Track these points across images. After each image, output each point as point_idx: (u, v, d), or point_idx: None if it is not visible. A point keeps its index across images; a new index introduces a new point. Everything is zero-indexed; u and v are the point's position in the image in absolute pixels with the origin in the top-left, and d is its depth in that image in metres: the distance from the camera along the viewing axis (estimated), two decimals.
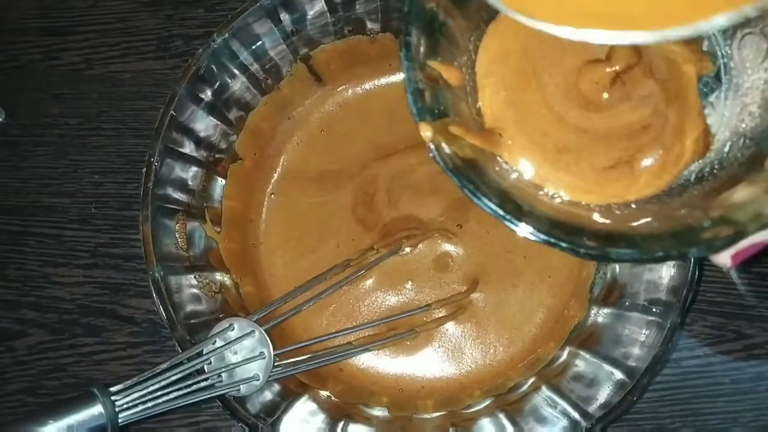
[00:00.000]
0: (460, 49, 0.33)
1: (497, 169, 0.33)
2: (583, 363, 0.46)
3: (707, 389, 0.51)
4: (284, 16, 0.47)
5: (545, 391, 0.46)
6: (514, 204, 0.30)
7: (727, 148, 0.32)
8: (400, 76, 0.52)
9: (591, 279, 0.49)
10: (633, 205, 0.33)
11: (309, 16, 0.47)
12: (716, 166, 0.32)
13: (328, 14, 0.47)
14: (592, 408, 0.43)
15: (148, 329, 0.53)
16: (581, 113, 0.33)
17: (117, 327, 0.54)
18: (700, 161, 0.33)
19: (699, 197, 0.31)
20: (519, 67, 0.33)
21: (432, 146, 0.30)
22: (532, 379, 0.47)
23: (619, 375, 0.43)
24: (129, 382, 0.38)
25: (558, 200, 0.33)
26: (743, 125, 0.32)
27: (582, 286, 0.49)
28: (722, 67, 0.33)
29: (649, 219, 0.31)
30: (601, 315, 0.47)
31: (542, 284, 0.50)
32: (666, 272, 0.44)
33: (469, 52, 0.33)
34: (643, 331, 0.44)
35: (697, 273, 0.43)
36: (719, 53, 0.33)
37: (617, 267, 0.47)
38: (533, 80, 0.33)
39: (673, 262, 0.43)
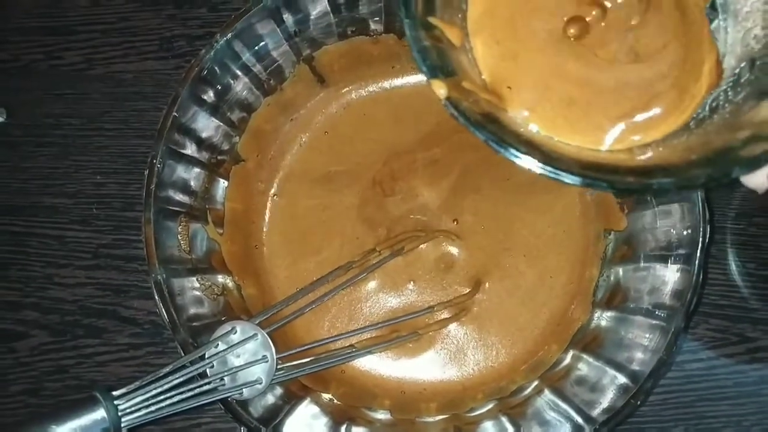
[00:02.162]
0: (453, 6, 0.32)
1: (516, 121, 0.32)
2: (587, 366, 0.46)
3: (710, 393, 0.51)
4: (287, 17, 0.47)
5: (548, 394, 0.46)
6: (541, 152, 0.29)
7: (736, 73, 0.31)
8: (403, 79, 0.53)
9: (594, 281, 0.49)
10: (656, 145, 0.32)
11: (312, 17, 0.47)
12: (730, 93, 0.31)
13: (331, 15, 0.47)
14: (595, 412, 0.43)
15: (150, 330, 0.54)
16: (580, 66, 0.32)
17: (119, 328, 0.54)
18: (714, 91, 0.32)
19: (722, 124, 0.30)
20: (508, 17, 0.32)
21: (448, 103, 0.29)
22: (535, 383, 0.47)
23: (622, 379, 0.43)
24: (131, 386, 0.38)
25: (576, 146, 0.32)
26: (749, 49, 0.31)
27: (585, 289, 0.50)
28: None
29: (679, 151, 0.30)
30: (604, 318, 0.47)
31: (544, 286, 0.50)
32: (670, 276, 0.44)
33: (462, 10, 0.33)
34: (647, 335, 0.44)
35: (701, 276, 0.43)
36: None
37: (621, 270, 0.47)
38: (523, 30, 0.32)
39: (677, 265, 0.44)
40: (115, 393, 0.38)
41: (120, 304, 0.54)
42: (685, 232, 0.43)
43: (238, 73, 0.47)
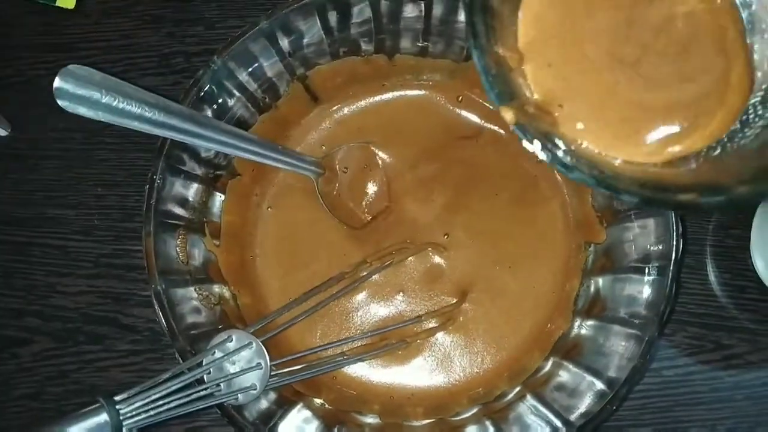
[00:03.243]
0: (510, 33, 0.33)
1: (569, 137, 0.32)
2: (566, 373, 0.47)
3: (687, 398, 0.52)
4: (282, 39, 0.48)
5: (530, 399, 0.47)
6: (599, 170, 0.30)
7: (764, 88, 0.33)
8: (392, 95, 0.54)
9: (575, 291, 0.50)
10: (697, 157, 0.33)
11: (306, 39, 0.48)
12: (759, 109, 0.32)
13: (324, 37, 0.48)
14: (573, 416, 0.45)
15: (149, 337, 0.54)
16: (631, 87, 0.33)
17: (119, 335, 0.54)
18: (747, 103, 0.33)
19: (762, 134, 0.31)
20: (559, 42, 0.33)
21: (517, 129, 0.30)
22: (517, 388, 0.48)
23: (599, 385, 0.45)
24: (132, 391, 0.40)
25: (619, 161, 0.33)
26: None
27: (566, 299, 0.51)
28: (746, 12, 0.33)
29: (721, 167, 0.31)
30: (584, 327, 0.49)
31: (527, 296, 0.51)
32: (645, 287, 0.45)
33: (515, 35, 0.33)
34: (623, 343, 0.45)
35: (674, 288, 0.44)
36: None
37: (600, 281, 0.49)
38: (575, 54, 0.33)
39: (652, 276, 0.45)
40: (116, 398, 0.40)
41: (120, 311, 0.55)
42: (660, 246, 0.45)
43: (235, 92, 0.48)
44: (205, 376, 0.43)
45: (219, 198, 0.51)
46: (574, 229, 0.52)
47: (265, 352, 0.44)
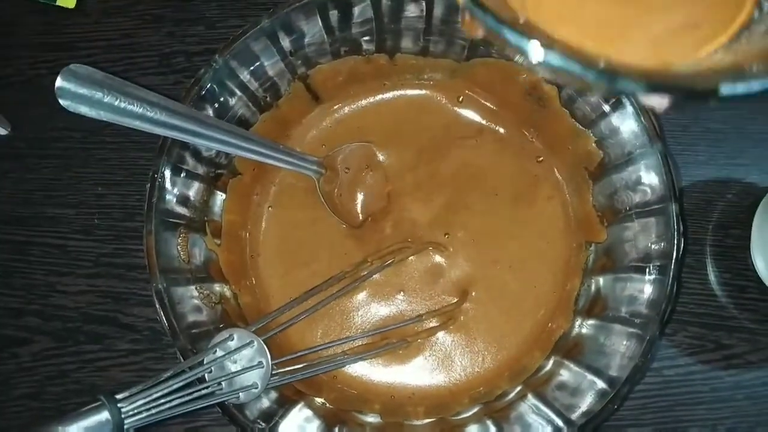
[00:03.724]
0: None
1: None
2: (568, 372, 0.47)
3: (687, 397, 0.52)
4: (283, 38, 0.47)
5: (531, 399, 0.47)
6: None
7: None
8: (393, 94, 0.54)
9: (576, 291, 0.50)
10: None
11: (307, 38, 0.48)
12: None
13: (326, 36, 0.48)
14: (574, 415, 0.44)
15: (149, 337, 0.54)
16: None
17: (119, 335, 0.54)
18: None
19: None
20: None
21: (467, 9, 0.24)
22: (518, 388, 0.48)
23: (601, 384, 0.45)
24: (134, 390, 0.40)
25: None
26: None
27: (567, 298, 0.51)
28: None
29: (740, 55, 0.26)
30: (585, 326, 0.48)
31: (528, 295, 0.51)
32: (646, 286, 0.45)
33: None
34: (624, 343, 0.45)
35: (675, 287, 0.44)
36: None
37: (601, 280, 0.49)
38: None
39: (653, 276, 0.45)
40: (118, 396, 0.39)
41: (120, 311, 0.54)
42: (661, 245, 0.45)
43: (236, 91, 0.48)
44: (206, 375, 0.43)
45: (220, 197, 0.51)
46: (574, 228, 0.52)
47: (267, 351, 0.44)
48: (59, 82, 0.37)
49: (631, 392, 0.44)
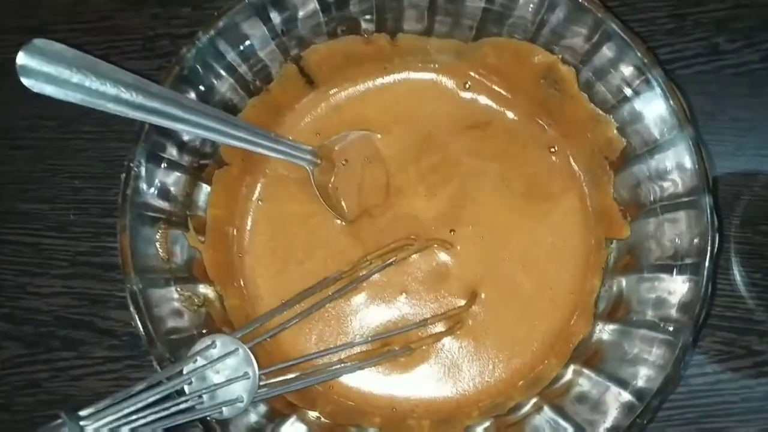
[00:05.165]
0: None
1: None
2: (588, 382, 0.44)
3: (716, 408, 0.50)
4: (274, 15, 0.45)
5: (548, 412, 0.44)
6: None
7: None
8: (394, 78, 0.53)
9: (595, 292, 0.48)
10: None
11: (300, 15, 0.46)
12: None
13: (321, 13, 0.46)
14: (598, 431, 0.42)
15: (128, 343, 0.53)
16: None
17: (96, 340, 0.53)
18: None
19: None
20: None
21: None
22: (533, 399, 0.46)
23: (627, 396, 0.42)
24: (100, 405, 0.37)
25: None
26: None
27: (586, 300, 0.49)
28: None
29: None
30: (606, 332, 0.46)
31: (543, 297, 0.49)
32: (676, 287, 0.42)
33: None
34: (653, 350, 0.42)
35: (710, 288, 0.41)
36: None
37: (624, 281, 0.46)
38: None
39: (684, 276, 0.42)
40: (82, 413, 0.37)
41: (97, 314, 0.53)
42: (692, 242, 0.42)
43: (222, 72, 0.46)
44: (185, 387, 0.41)
45: (204, 189, 0.49)
46: (593, 223, 0.50)
47: (253, 360, 0.42)
48: (22, 58, 0.35)
49: (662, 405, 0.41)
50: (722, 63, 0.53)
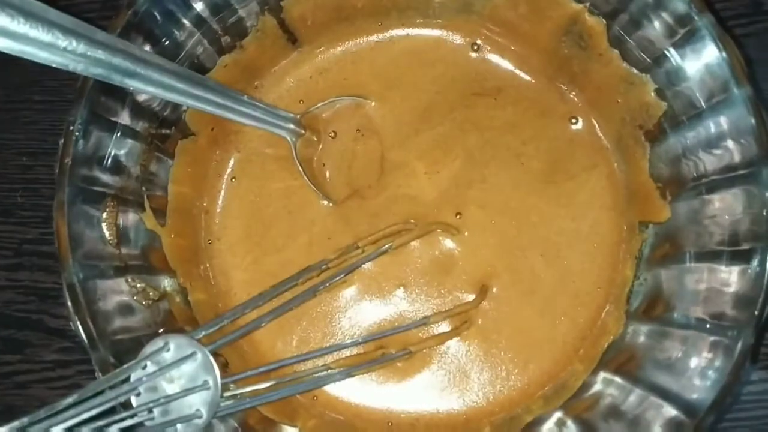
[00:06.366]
0: None
1: None
2: (622, 394, 0.40)
3: (764, 422, 0.47)
4: None
5: (573, 428, 0.41)
6: None
7: None
8: (390, 36, 0.50)
9: (628, 286, 0.45)
10: None
11: None
12: None
13: None
14: None
15: (82, 345, 0.46)
16: None
17: (44, 342, 0.50)
18: None
19: None
20: None
21: None
22: (556, 414, 0.43)
23: (672, 411, 0.37)
24: (17, 424, 0.32)
25: None
26: None
27: (616, 295, 0.46)
28: None
29: None
30: (642, 332, 0.42)
31: (565, 292, 0.46)
32: (731, 278, 0.38)
33: None
34: (703, 355, 0.38)
35: None
36: None
37: (662, 272, 0.43)
38: None
39: (740, 265, 0.37)
40: (1, 429, 0.32)
41: (46, 312, 0.50)
42: (751, 224, 0.37)
43: (186, 23, 0.42)
44: (133, 398, 0.37)
45: (166, 163, 0.45)
46: (625, 205, 0.47)
47: (215, 366, 0.38)
48: None
49: (719, 423, 0.36)
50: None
